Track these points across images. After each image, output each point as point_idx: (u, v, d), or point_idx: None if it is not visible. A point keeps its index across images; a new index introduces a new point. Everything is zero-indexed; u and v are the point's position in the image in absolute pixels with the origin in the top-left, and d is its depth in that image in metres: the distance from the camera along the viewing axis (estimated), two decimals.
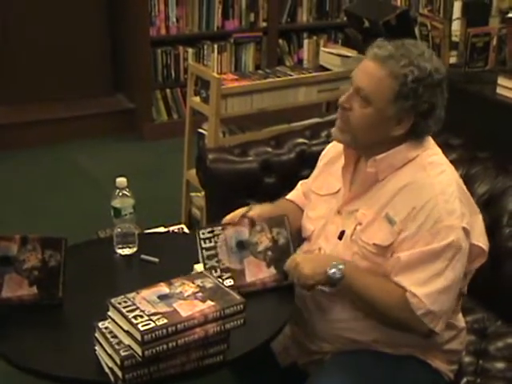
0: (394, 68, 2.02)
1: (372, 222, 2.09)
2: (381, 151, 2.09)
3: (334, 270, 2.03)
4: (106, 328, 1.80)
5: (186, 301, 1.79)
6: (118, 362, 1.72)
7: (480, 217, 2.16)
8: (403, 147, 2.10)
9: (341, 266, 2.04)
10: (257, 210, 2.29)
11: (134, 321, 1.70)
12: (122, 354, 1.72)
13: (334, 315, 2.15)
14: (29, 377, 1.88)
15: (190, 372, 1.79)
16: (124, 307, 1.76)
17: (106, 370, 1.77)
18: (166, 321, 1.71)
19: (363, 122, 2.06)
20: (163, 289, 1.84)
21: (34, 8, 5.40)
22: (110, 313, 1.79)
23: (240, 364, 2.00)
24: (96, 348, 1.82)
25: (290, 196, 2.50)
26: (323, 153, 2.42)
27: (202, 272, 1.93)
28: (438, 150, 2.16)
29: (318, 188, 2.34)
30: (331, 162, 2.33)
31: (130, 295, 1.81)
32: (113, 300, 1.79)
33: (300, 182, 2.51)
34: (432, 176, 2.06)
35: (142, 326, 1.69)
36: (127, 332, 1.71)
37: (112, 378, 1.75)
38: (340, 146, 2.23)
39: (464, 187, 2.14)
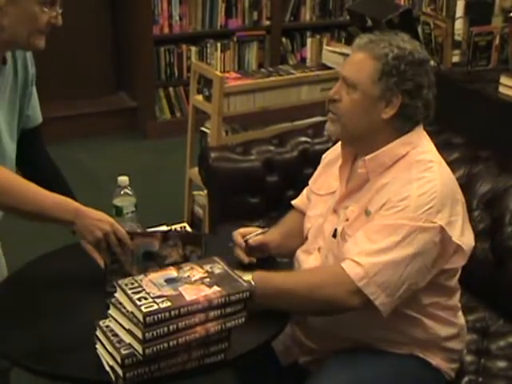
0: (375, 50, 2.06)
1: (357, 218, 2.10)
2: (373, 145, 2.09)
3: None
4: (106, 326, 1.80)
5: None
6: (119, 360, 1.71)
7: (460, 218, 2.07)
8: (392, 145, 2.09)
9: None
10: (268, 236, 2.32)
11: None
12: (123, 352, 1.71)
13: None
14: (28, 374, 1.88)
15: (190, 371, 1.79)
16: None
17: (107, 368, 1.77)
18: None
19: (352, 107, 2.08)
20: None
21: None
22: (110, 311, 1.79)
23: (241, 363, 1.99)
24: (97, 346, 1.82)
25: (295, 201, 2.50)
26: (324, 155, 2.42)
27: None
28: (431, 147, 2.14)
29: (317, 189, 2.34)
30: (330, 163, 2.33)
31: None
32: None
33: (306, 188, 2.51)
34: (414, 174, 2.04)
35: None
36: (128, 331, 1.71)
37: (113, 377, 1.75)
38: (340, 148, 2.23)
39: (452, 186, 2.08)
